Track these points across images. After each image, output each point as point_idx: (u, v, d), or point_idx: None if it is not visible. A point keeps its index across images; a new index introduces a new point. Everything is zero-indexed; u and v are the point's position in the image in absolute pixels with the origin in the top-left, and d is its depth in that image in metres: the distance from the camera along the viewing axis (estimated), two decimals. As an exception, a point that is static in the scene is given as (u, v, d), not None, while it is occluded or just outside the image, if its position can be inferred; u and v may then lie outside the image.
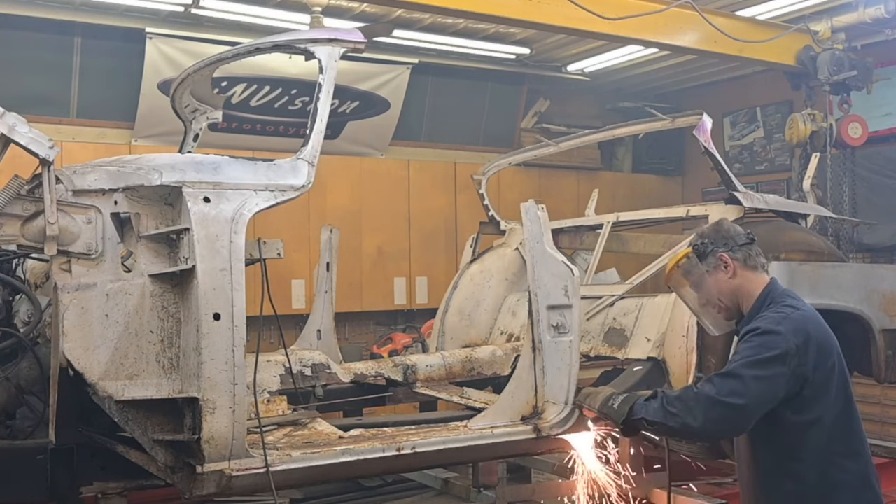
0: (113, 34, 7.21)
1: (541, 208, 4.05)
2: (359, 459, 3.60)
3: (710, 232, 3.09)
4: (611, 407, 3.05)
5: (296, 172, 3.58)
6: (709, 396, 2.75)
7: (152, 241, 3.43)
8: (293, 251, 7.45)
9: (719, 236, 3.05)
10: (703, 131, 4.95)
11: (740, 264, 3.00)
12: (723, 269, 3.01)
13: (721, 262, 3.01)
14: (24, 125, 3.21)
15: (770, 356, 2.74)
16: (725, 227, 3.10)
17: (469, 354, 5.35)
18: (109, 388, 3.25)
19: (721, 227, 3.10)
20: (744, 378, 2.73)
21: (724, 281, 3.02)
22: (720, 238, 3.04)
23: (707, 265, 3.03)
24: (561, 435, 3.98)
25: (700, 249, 3.05)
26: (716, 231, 3.08)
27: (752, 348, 2.79)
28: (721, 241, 3.03)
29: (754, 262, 3.03)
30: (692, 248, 3.07)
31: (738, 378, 2.74)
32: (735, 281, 3.01)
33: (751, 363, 2.75)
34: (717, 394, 2.74)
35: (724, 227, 3.09)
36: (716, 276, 3.02)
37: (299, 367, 4.60)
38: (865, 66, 7.61)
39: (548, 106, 9.78)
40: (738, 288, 3.01)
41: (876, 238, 8.18)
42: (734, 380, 2.74)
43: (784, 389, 2.75)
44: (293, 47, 3.83)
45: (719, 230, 3.08)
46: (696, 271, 3.07)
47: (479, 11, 6.24)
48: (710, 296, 3.06)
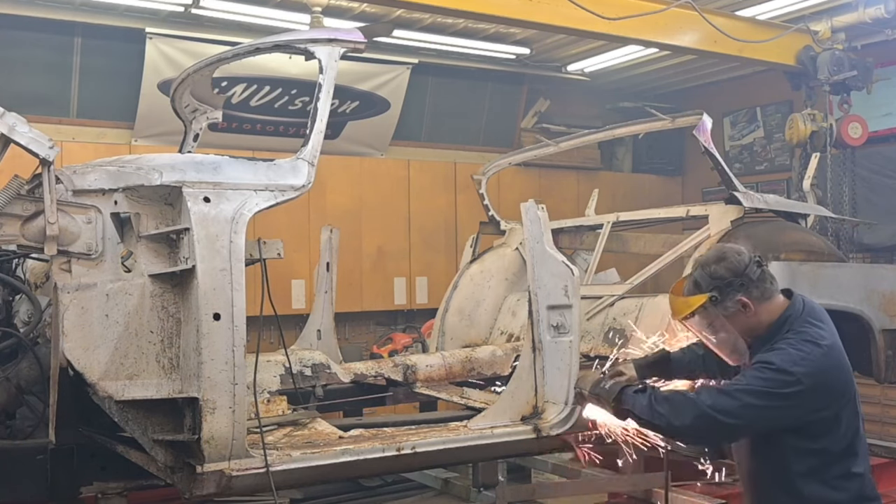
0: (113, 34, 7.22)
1: (541, 208, 4.05)
2: (359, 459, 3.60)
3: (723, 270, 2.82)
4: (602, 388, 3.03)
5: (296, 172, 3.57)
6: (700, 407, 2.70)
7: (152, 241, 3.43)
8: (293, 251, 7.45)
9: (734, 275, 2.81)
10: (703, 131, 4.95)
11: (758, 301, 2.82)
12: (742, 311, 2.82)
13: (740, 306, 2.81)
14: (24, 125, 3.20)
15: (776, 393, 2.64)
16: (735, 260, 2.83)
17: (469, 354, 5.35)
18: (109, 388, 3.25)
19: (730, 261, 2.83)
20: (742, 402, 2.66)
21: (745, 321, 2.83)
22: (735, 277, 2.81)
23: (724, 310, 2.82)
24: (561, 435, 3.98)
25: (717, 298, 2.81)
26: (727, 269, 2.82)
27: (760, 380, 2.67)
28: (737, 281, 2.80)
29: (770, 293, 2.84)
30: (708, 298, 2.82)
31: (735, 400, 2.67)
32: (755, 318, 2.83)
33: (754, 392, 2.66)
34: (710, 407, 2.68)
35: (735, 262, 2.83)
36: (735, 319, 2.83)
37: (299, 367, 4.60)
38: (865, 66, 7.61)
39: (548, 106, 9.79)
40: (758, 323, 2.84)
41: (876, 238, 8.18)
42: (731, 400, 2.67)
43: (783, 422, 2.69)
44: (293, 47, 3.83)
45: (731, 267, 2.82)
46: (713, 318, 2.86)
47: (479, 11, 6.24)
48: (731, 336, 2.88)
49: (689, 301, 2.88)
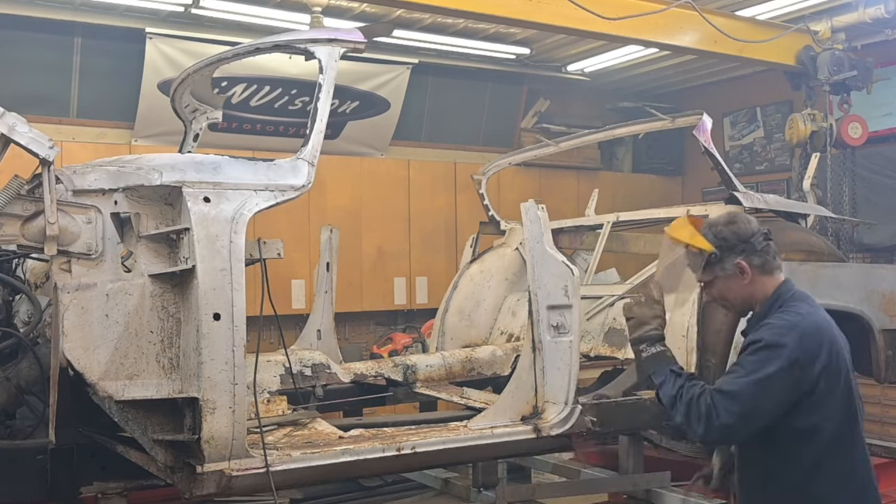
0: (113, 34, 7.22)
1: (541, 208, 4.05)
2: (359, 459, 3.60)
3: (728, 233, 2.85)
4: (639, 354, 2.94)
5: (296, 172, 3.57)
6: (709, 418, 2.69)
7: (152, 241, 3.42)
8: (293, 251, 7.45)
9: (738, 239, 2.84)
10: (703, 131, 4.95)
11: (758, 271, 2.84)
12: (738, 276, 2.85)
13: (738, 269, 2.84)
14: (24, 125, 3.20)
15: (771, 371, 2.65)
16: (743, 226, 2.86)
17: (469, 354, 5.35)
18: (109, 388, 3.25)
19: (738, 226, 2.86)
20: (743, 398, 2.66)
21: (737, 287, 2.86)
22: (739, 241, 2.83)
23: (722, 269, 2.86)
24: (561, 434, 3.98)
25: (717, 256, 2.84)
26: (734, 232, 2.85)
27: (754, 363, 2.69)
28: (740, 245, 2.83)
29: (771, 267, 2.86)
30: (710, 252, 2.85)
31: (735, 399, 2.67)
32: (750, 287, 2.85)
33: (753, 381, 2.66)
34: (716, 417, 2.68)
35: (743, 228, 2.85)
36: (730, 282, 2.86)
37: (299, 368, 4.60)
38: (865, 66, 7.61)
39: (548, 106, 9.79)
40: (752, 294, 2.86)
41: (876, 238, 8.18)
42: (733, 402, 2.67)
43: (783, 405, 2.69)
44: (293, 47, 3.83)
45: (738, 232, 2.85)
46: (706, 269, 2.89)
47: (479, 11, 6.24)
48: (719, 295, 2.92)
49: (694, 235, 2.89)
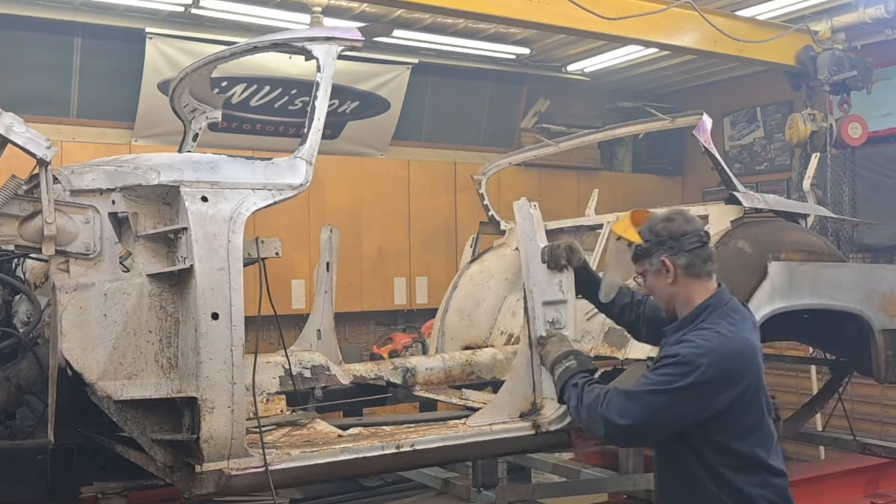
0: (113, 34, 7.23)
1: (533, 206, 4.05)
2: (358, 458, 3.59)
3: (661, 228, 2.85)
4: (553, 374, 3.17)
5: (294, 171, 3.57)
6: (606, 418, 2.72)
7: (150, 241, 3.42)
8: (293, 251, 7.45)
9: (667, 236, 2.82)
10: (703, 131, 4.94)
11: (682, 271, 2.80)
12: (663, 274, 2.83)
13: (663, 267, 2.83)
14: (22, 125, 3.20)
15: (677, 387, 2.62)
16: (678, 224, 2.84)
17: (469, 358, 5.33)
18: (108, 388, 3.24)
19: (673, 223, 2.84)
20: (645, 403, 2.66)
21: (662, 284, 2.86)
22: (667, 238, 2.82)
23: (650, 264, 2.87)
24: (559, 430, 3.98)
25: (642, 249, 2.86)
26: (666, 228, 2.84)
27: (664, 376, 2.67)
28: (667, 242, 2.81)
29: (698, 271, 2.81)
30: (636, 244, 2.88)
31: (638, 402, 2.67)
32: (673, 287, 2.83)
33: (659, 392, 2.65)
34: (619, 417, 2.69)
35: (676, 226, 2.83)
36: (656, 278, 2.86)
37: (298, 369, 4.59)
38: (865, 66, 7.61)
39: (548, 106, 9.79)
40: (674, 294, 2.84)
41: (876, 238, 8.18)
42: (633, 403, 2.68)
43: (686, 420, 2.66)
44: (291, 46, 3.83)
45: (670, 228, 2.83)
46: (636, 262, 2.91)
47: (479, 11, 6.24)
48: (649, 290, 2.94)
49: (628, 228, 2.95)
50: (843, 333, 5.22)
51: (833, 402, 5.83)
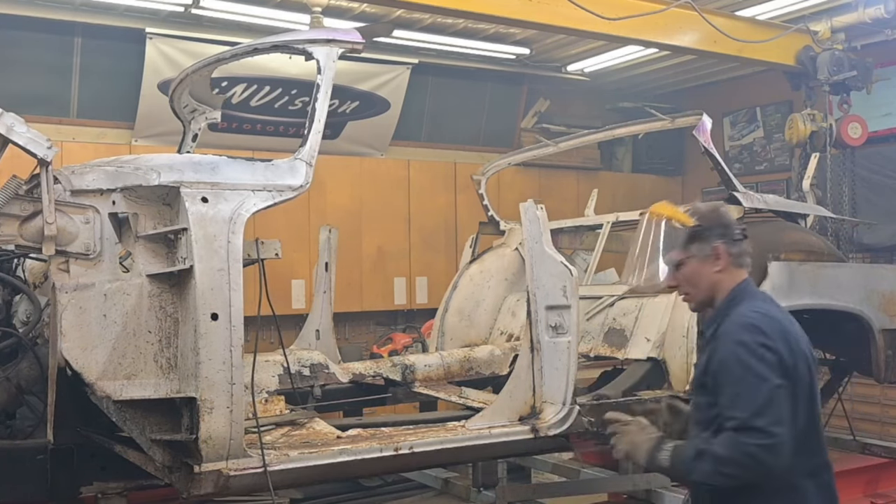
0: (113, 34, 7.22)
1: (540, 208, 4.05)
2: (356, 459, 3.60)
3: (710, 215, 2.82)
4: (660, 463, 2.69)
5: (294, 173, 3.58)
6: (753, 455, 2.47)
7: (150, 242, 3.43)
8: (293, 251, 7.45)
9: (719, 224, 2.80)
10: (702, 131, 4.95)
11: (732, 259, 2.77)
12: (712, 261, 2.77)
13: (714, 254, 2.76)
14: (23, 125, 3.21)
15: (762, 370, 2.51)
16: (725, 215, 2.84)
17: (467, 354, 5.36)
18: (107, 388, 3.25)
19: (721, 213, 2.84)
20: (765, 401, 2.48)
21: (708, 272, 2.78)
22: (719, 226, 2.79)
23: (698, 250, 2.78)
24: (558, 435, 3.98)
25: (697, 232, 2.77)
26: (716, 217, 2.82)
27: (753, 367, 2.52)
28: (719, 229, 2.78)
29: (743, 261, 2.80)
30: (692, 227, 2.78)
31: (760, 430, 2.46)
32: (719, 275, 2.78)
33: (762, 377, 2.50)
34: (757, 450, 2.46)
35: (725, 216, 2.83)
36: (702, 265, 2.78)
37: (297, 368, 4.60)
38: (865, 66, 7.60)
39: (548, 106, 9.78)
40: (719, 282, 2.78)
41: (876, 238, 8.18)
42: (759, 433, 2.46)
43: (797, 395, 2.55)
44: (291, 48, 3.83)
45: (720, 217, 2.81)
46: (684, 246, 2.80)
47: (479, 11, 6.24)
48: (686, 279, 2.83)
49: (676, 211, 2.84)
50: (843, 333, 5.23)
51: (833, 401, 5.83)
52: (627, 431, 2.81)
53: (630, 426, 2.81)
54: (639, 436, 2.77)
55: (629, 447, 2.78)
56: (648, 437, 2.75)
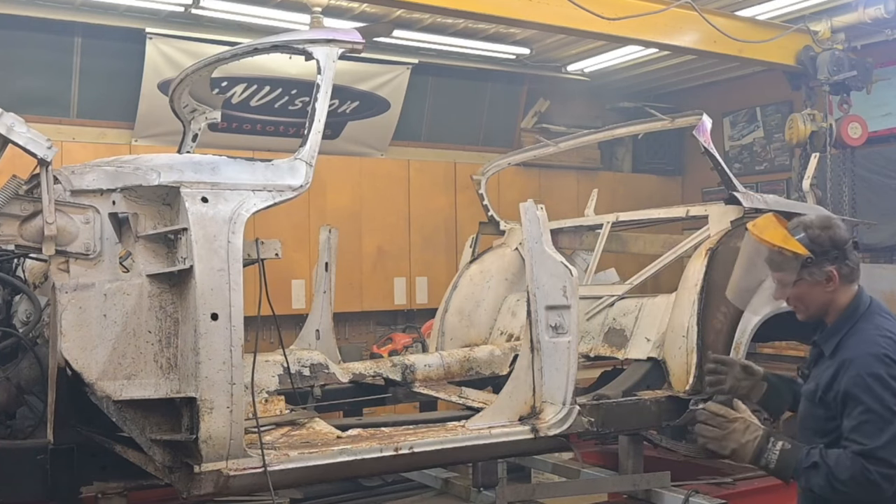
0: (113, 34, 7.22)
1: (539, 208, 4.05)
2: (356, 459, 3.60)
3: (825, 238, 2.72)
4: (766, 465, 2.68)
5: (294, 173, 3.58)
6: (873, 482, 2.50)
7: (150, 242, 3.43)
8: (293, 251, 7.46)
9: (833, 245, 2.71)
10: (702, 131, 4.95)
11: (844, 280, 2.73)
12: (825, 284, 2.72)
13: (826, 277, 2.71)
14: (23, 125, 3.21)
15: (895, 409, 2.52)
16: (840, 232, 2.74)
17: (467, 354, 5.36)
18: (107, 388, 3.25)
19: (835, 231, 2.73)
20: (892, 447, 2.50)
21: (819, 294, 2.74)
22: (833, 248, 2.71)
23: (811, 274, 2.72)
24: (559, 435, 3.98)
25: (812, 261, 2.70)
26: (830, 238, 2.72)
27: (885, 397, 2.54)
28: (833, 252, 2.71)
29: (854, 277, 2.75)
30: (806, 255, 2.70)
31: (884, 461, 2.49)
32: (832, 295, 2.74)
33: (890, 436, 2.50)
34: (879, 479, 2.50)
35: (839, 234, 2.73)
36: (815, 288, 2.73)
37: (297, 367, 4.60)
38: (865, 66, 7.61)
39: (548, 106, 9.79)
40: (831, 301, 2.75)
41: (876, 238, 8.17)
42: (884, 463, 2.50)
43: None
44: (291, 48, 3.83)
45: (834, 238, 2.72)
46: (791, 271, 2.74)
47: (479, 11, 6.24)
48: (796, 298, 2.79)
49: (787, 238, 2.73)
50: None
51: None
52: (734, 430, 2.73)
53: (736, 423, 2.74)
54: (745, 435, 2.72)
55: (736, 446, 2.72)
56: (755, 435, 2.70)
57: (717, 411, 2.79)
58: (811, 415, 2.79)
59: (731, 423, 2.75)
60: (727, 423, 2.75)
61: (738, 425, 2.74)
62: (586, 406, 4.14)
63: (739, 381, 3.03)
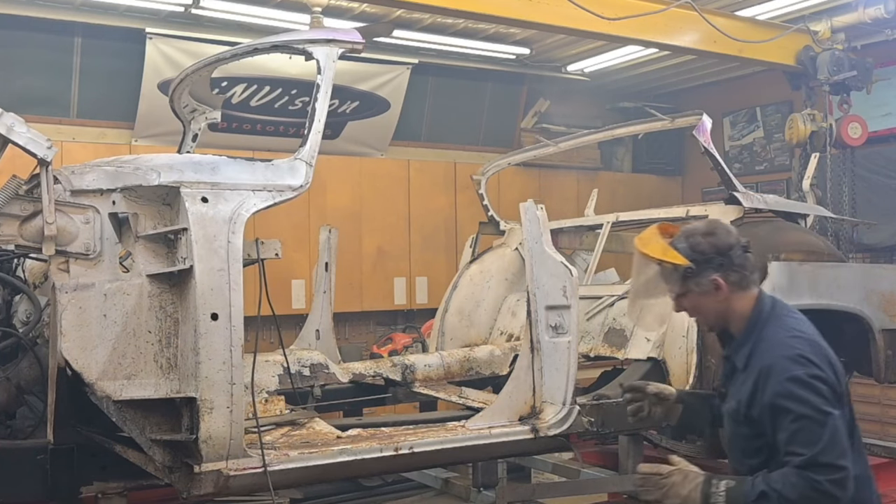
0: (113, 34, 7.22)
1: (540, 208, 4.05)
2: (356, 459, 3.60)
3: (706, 245, 2.65)
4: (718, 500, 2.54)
5: (294, 173, 3.58)
6: (825, 492, 2.39)
7: (150, 241, 3.43)
8: (293, 251, 7.46)
9: (716, 252, 2.64)
10: (702, 131, 4.95)
11: (734, 287, 2.65)
12: (713, 293, 2.65)
13: (713, 286, 2.65)
14: (23, 125, 3.21)
15: (818, 403, 2.44)
16: (723, 238, 2.67)
17: (467, 354, 5.36)
18: (107, 388, 3.25)
19: (717, 237, 2.67)
20: (824, 431, 2.41)
21: (711, 303, 2.68)
22: (716, 255, 2.64)
23: (697, 284, 2.66)
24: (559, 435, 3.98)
25: (692, 272, 2.65)
26: (712, 244, 2.65)
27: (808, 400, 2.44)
28: (717, 259, 2.64)
29: (747, 283, 2.67)
30: (685, 266, 2.65)
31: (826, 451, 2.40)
32: (725, 304, 2.67)
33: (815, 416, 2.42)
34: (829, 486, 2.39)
35: (722, 240, 2.67)
36: (705, 298, 2.67)
37: (297, 367, 4.60)
38: (865, 66, 7.60)
39: (548, 106, 9.78)
40: (726, 310, 2.68)
41: (876, 238, 8.18)
42: (826, 455, 2.40)
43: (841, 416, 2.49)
44: (291, 48, 3.83)
45: (716, 244, 2.65)
46: (676, 283, 2.69)
47: (479, 11, 6.24)
48: (691, 308, 2.74)
49: (666, 250, 2.69)
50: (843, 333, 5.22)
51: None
52: (671, 484, 2.62)
53: (672, 477, 2.63)
54: (685, 486, 2.60)
55: (679, 500, 2.60)
56: (696, 483, 2.58)
57: (648, 471, 2.70)
58: (737, 434, 2.70)
59: (667, 478, 2.64)
60: (662, 479, 2.65)
61: (675, 478, 2.63)
62: (586, 406, 4.13)
63: (654, 407, 2.98)
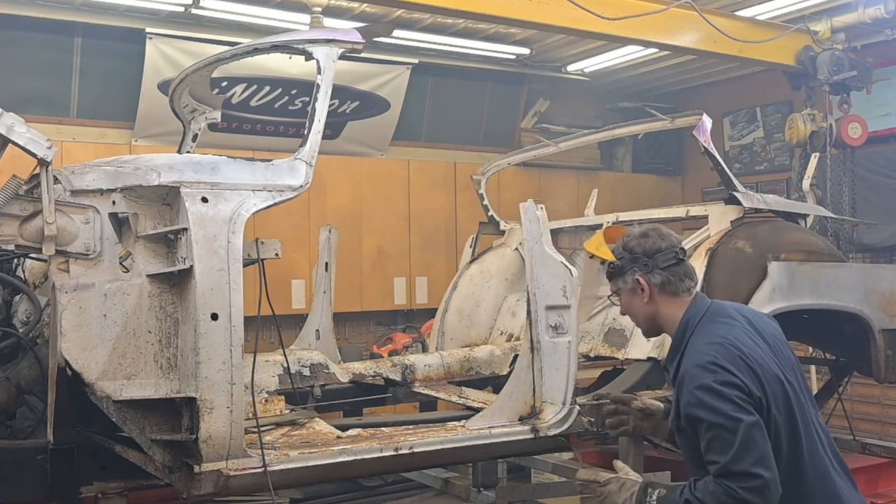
0: (113, 34, 7.22)
1: (540, 208, 4.05)
2: (356, 459, 3.60)
3: (635, 244, 2.71)
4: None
5: (294, 173, 3.58)
6: (742, 500, 2.33)
7: (150, 242, 3.43)
8: (293, 251, 7.45)
9: (640, 253, 2.69)
10: (702, 131, 4.95)
11: (657, 289, 2.67)
12: (638, 293, 2.70)
13: (637, 286, 2.69)
14: (23, 125, 3.21)
15: (730, 410, 2.37)
16: (653, 241, 2.70)
17: (467, 354, 5.36)
18: (107, 388, 3.25)
19: (648, 240, 2.70)
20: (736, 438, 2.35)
21: (638, 304, 2.72)
22: (641, 255, 2.69)
23: (624, 282, 2.73)
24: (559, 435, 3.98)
25: (615, 267, 2.73)
26: (640, 245, 2.70)
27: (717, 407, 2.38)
28: (640, 260, 2.68)
29: (675, 288, 2.67)
30: (610, 261, 2.74)
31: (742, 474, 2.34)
32: (650, 307, 2.70)
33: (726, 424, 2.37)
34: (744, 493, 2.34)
35: (651, 243, 2.70)
36: (631, 297, 2.73)
37: (297, 367, 4.60)
38: (865, 66, 7.60)
39: (548, 106, 9.78)
40: (654, 314, 2.71)
41: (876, 238, 8.17)
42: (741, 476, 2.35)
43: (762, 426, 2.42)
44: (291, 48, 3.84)
45: (644, 245, 2.69)
46: (611, 280, 2.77)
47: (479, 11, 6.24)
48: (625, 309, 2.79)
49: (600, 246, 2.79)
50: (843, 333, 5.23)
51: (833, 401, 5.83)
52: (608, 492, 2.63)
53: (609, 485, 2.64)
54: (621, 494, 2.60)
55: (605, 498, 2.62)
56: (631, 492, 2.58)
57: (586, 478, 2.70)
58: (681, 446, 2.68)
59: (604, 486, 2.64)
60: (600, 487, 2.65)
61: (612, 486, 2.63)
62: (586, 406, 4.13)
63: (640, 422, 2.99)
